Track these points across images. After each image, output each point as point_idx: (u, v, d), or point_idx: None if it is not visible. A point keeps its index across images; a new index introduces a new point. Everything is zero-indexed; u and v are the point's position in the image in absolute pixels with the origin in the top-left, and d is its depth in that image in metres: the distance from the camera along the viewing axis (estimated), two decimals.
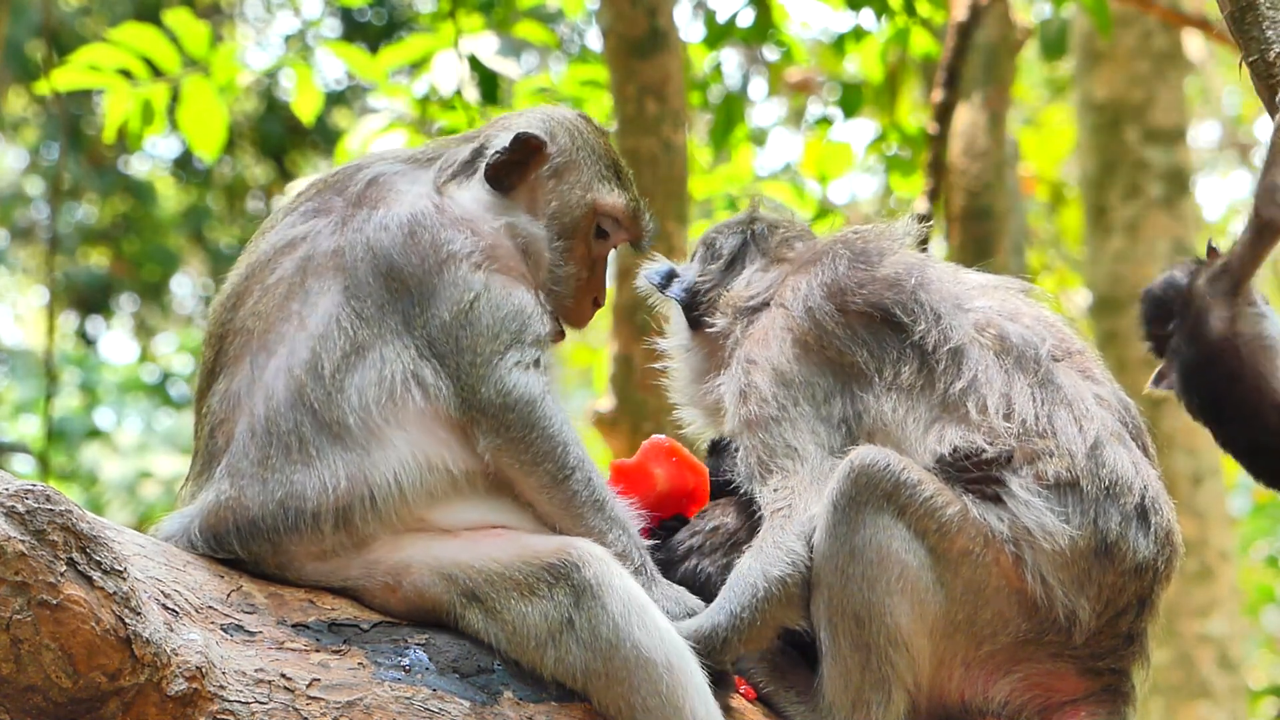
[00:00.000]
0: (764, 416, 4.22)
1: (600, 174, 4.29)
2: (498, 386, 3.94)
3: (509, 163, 4.19)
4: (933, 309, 4.23)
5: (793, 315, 4.29)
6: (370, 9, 17.37)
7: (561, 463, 3.97)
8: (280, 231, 4.11)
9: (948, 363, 4.18)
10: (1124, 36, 11.18)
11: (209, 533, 3.89)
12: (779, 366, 4.25)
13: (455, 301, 3.97)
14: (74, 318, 19.40)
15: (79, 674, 3.45)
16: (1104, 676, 4.15)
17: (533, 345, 4.00)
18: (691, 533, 4.32)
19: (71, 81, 8.57)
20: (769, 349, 4.29)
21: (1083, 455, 4.09)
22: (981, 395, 4.14)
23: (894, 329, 4.23)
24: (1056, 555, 4.04)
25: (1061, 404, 4.15)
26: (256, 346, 3.99)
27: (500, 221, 4.13)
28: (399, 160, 4.24)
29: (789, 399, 4.22)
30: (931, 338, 4.20)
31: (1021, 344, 4.21)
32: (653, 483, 4.41)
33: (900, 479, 4.05)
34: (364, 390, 3.91)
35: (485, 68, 8.45)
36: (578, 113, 4.39)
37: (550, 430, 3.96)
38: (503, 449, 3.95)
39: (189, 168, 18.82)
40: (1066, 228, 18.22)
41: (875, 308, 4.25)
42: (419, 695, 3.77)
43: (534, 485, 3.98)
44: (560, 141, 4.26)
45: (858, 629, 4.03)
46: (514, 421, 3.94)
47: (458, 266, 4.00)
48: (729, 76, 14.84)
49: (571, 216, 4.24)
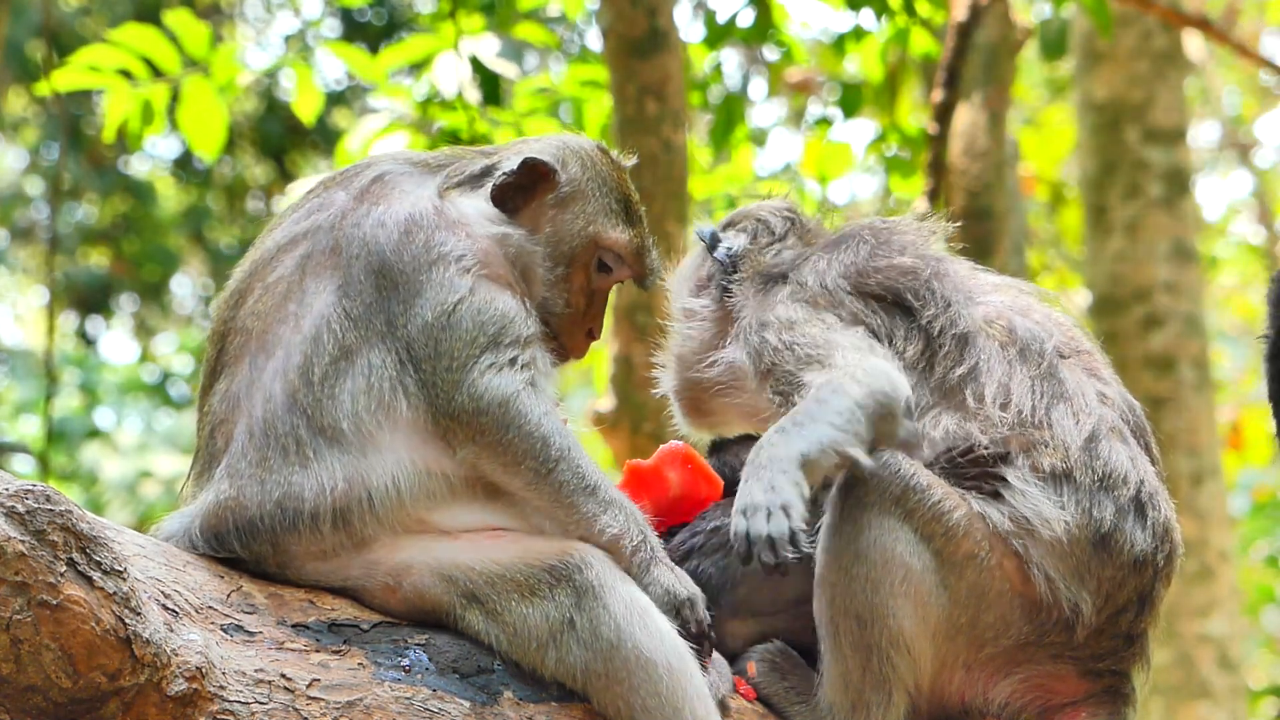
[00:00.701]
0: (783, 353, 4.23)
1: (608, 208, 4.27)
2: (470, 392, 3.91)
3: (515, 185, 4.18)
4: (944, 297, 4.29)
5: (807, 288, 4.34)
6: (370, 9, 17.38)
7: (543, 457, 3.93)
8: (285, 228, 4.12)
9: (950, 347, 4.21)
10: (1124, 36, 11.18)
11: (209, 533, 3.90)
12: (792, 318, 4.28)
13: (439, 302, 3.95)
14: (74, 318, 19.42)
15: (79, 674, 3.45)
16: (1104, 678, 4.16)
17: (510, 345, 3.96)
18: (692, 533, 4.32)
19: (71, 82, 8.57)
20: (778, 310, 4.32)
21: (1077, 447, 4.10)
22: (980, 384, 4.16)
23: (904, 312, 4.28)
24: (1055, 545, 4.05)
25: (1061, 397, 4.17)
26: (255, 347, 3.99)
27: (496, 230, 4.12)
28: (408, 162, 4.24)
29: (803, 331, 4.24)
30: (938, 323, 4.24)
31: (1028, 337, 4.24)
32: (666, 487, 4.41)
33: (909, 483, 4.05)
34: (355, 396, 3.90)
35: (486, 69, 8.44)
36: (597, 144, 4.37)
37: (527, 427, 3.92)
38: (482, 455, 3.93)
39: (189, 168, 18.84)
40: (1066, 228, 18.24)
41: (888, 290, 4.31)
42: (419, 695, 3.78)
43: (520, 485, 3.96)
44: (571, 171, 4.25)
45: (860, 630, 4.03)
46: (488, 425, 3.91)
47: (446, 268, 3.99)
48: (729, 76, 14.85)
49: (570, 246, 4.23)
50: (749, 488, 3.94)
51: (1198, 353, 11.08)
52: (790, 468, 3.95)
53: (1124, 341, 10.64)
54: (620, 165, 4.38)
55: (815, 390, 4.10)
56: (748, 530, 3.87)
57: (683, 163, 7.70)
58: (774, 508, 3.89)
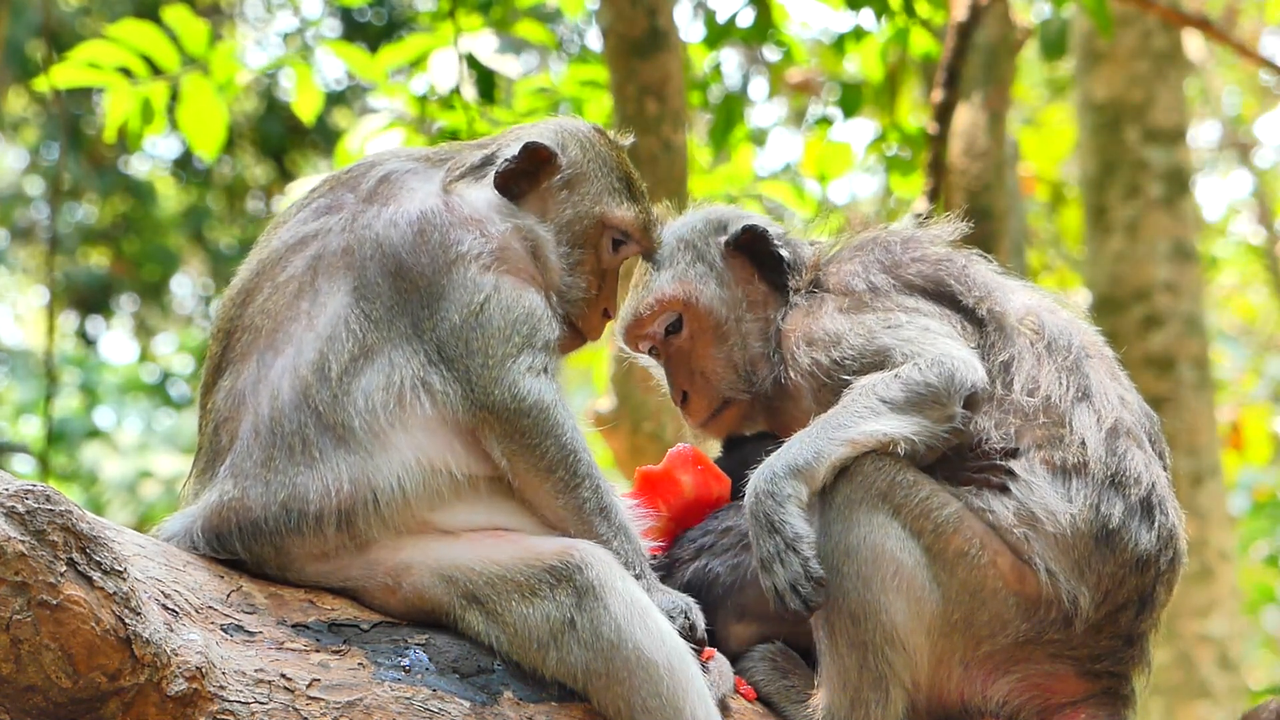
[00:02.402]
0: (841, 357, 4.25)
1: (611, 187, 4.31)
2: (512, 390, 3.95)
3: (518, 171, 4.21)
4: (982, 283, 4.35)
5: (850, 292, 4.35)
6: (370, 9, 17.37)
7: (573, 470, 3.98)
8: (292, 228, 4.12)
9: (995, 337, 4.26)
10: (1124, 36, 11.18)
11: (211, 533, 3.90)
12: (837, 330, 4.29)
13: (465, 304, 3.97)
14: (74, 318, 19.42)
15: (79, 674, 3.45)
16: (1103, 679, 4.16)
17: (543, 350, 4.01)
18: (703, 532, 4.34)
19: (71, 79, 8.56)
20: (823, 322, 4.32)
21: (1096, 442, 4.14)
22: (1011, 373, 4.21)
23: (950, 301, 4.32)
24: (1058, 538, 4.06)
25: (1086, 393, 4.22)
26: (264, 345, 3.99)
27: (509, 223, 4.14)
28: (412, 158, 4.25)
29: (851, 342, 4.26)
30: (982, 309, 4.30)
31: (1056, 332, 4.30)
32: (680, 490, 4.42)
33: (895, 478, 4.07)
34: (371, 394, 3.91)
35: (483, 67, 8.44)
36: (593, 125, 4.41)
37: (563, 439, 3.97)
38: (517, 454, 3.96)
39: (189, 168, 18.84)
40: (1066, 228, 18.24)
41: (929, 280, 4.35)
42: (419, 695, 3.78)
43: (545, 491, 3.99)
44: (571, 153, 4.29)
45: (854, 627, 4.04)
46: (528, 428, 3.95)
47: (467, 267, 4.01)
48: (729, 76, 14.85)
49: (581, 227, 4.27)
50: (755, 532, 4.02)
51: (1198, 353, 11.08)
52: (780, 487, 4.01)
53: (1124, 341, 10.62)
54: (618, 144, 4.42)
55: (845, 395, 4.15)
56: (775, 585, 3.98)
57: (683, 163, 7.70)
58: (782, 550, 3.97)
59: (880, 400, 4.09)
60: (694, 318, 4.52)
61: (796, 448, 4.07)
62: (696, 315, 4.52)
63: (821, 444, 4.06)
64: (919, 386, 4.09)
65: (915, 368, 4.11)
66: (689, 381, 4.54)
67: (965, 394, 4.10)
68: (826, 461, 4.04)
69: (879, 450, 4.07)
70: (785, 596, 3.96)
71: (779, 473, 4.03)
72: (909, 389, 4.08)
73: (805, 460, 4.04)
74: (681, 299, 4.52)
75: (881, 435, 4.06)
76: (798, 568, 3.95)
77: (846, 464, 4.06)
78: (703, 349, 4.52)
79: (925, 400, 4.08)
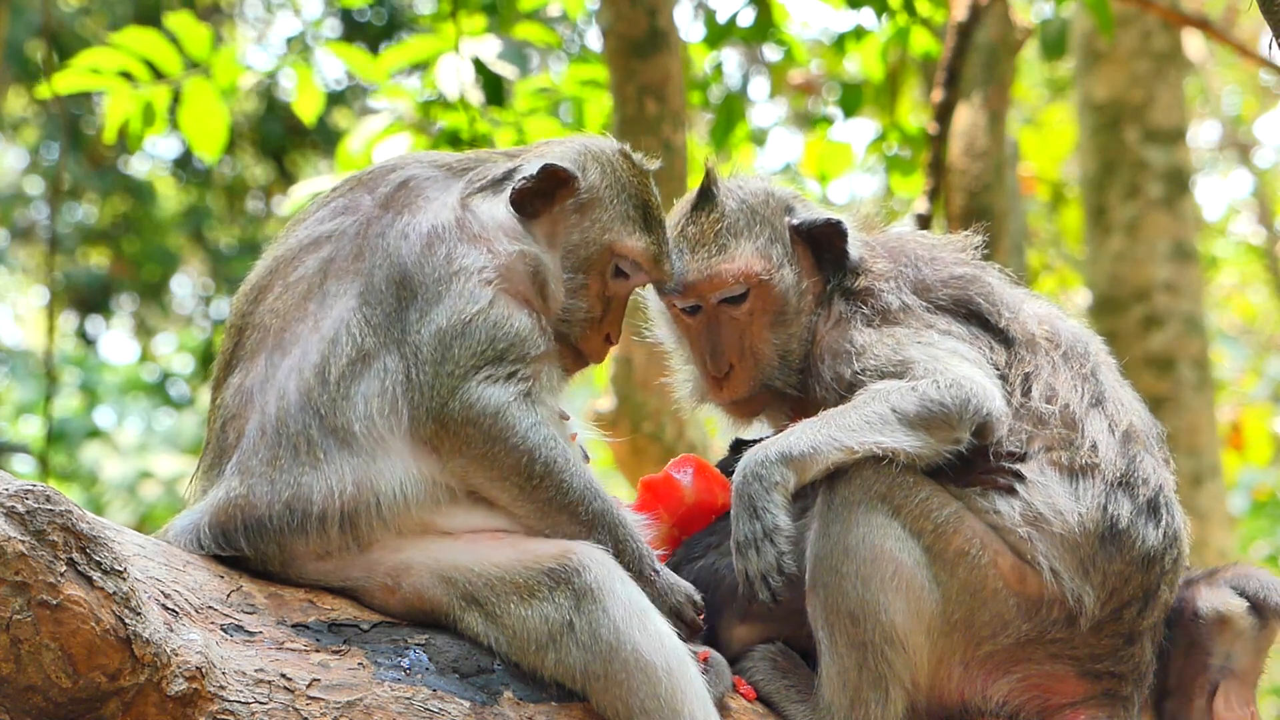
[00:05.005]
0: (863, 368, 4.26)
1: (625, 215, 4.27)
2: (463, 399, 3.92)
3: (534, 190, 4.19)
4: (1006, 303, 4.36)
5: (882, 309, 4.34)
6: (370, 9, 17.36)
7: (528, 473, 3.94)
8: (309, 226, 4.13)
9: (1023, 352, 4.28)
10: (1124, 36, 11.18)
11: (217, 530, 3.91)
12: (864, 342, 4.29)
13: (457, 311, 3.96)
14: (74, 318, 19.42)
15: (79, 674, 3.45)
16: (1103, 680, 4.17)
17: (514, 361, 3.97)
18: (711, 531, 4.35)
19: (72, 84, 8.57)
20: (851, 334, 4.32)
21: (1108, 445, 4.18)
22: (1030, 383, 4.23)
23: (979, 322, 4.33)
24: (1064, 538, 4.08)
25: (1099, 397, 4.25)
26: (273, 344, 4.01)
27: (516, 246, 4.12)
28: (434, 165, 4.25)
29: (875, 353, 4.27)
30: (1013, 329, 4.32)
31: (1071, 339, 4.34)
32: (680, 495, 4.42)
33: (895, 479, 4.08)
34: (369, 399, 3.91)
35: (490, 72, 8.44)
36: (619, 148, 4.36)
37: (514, 440, 3.93)
38: (469, 468, 3.95)
39: (189, 168, 18.83)
40: (1066, 228, 18.24)
41: (959, 303, 4.36)
42: (419, 695, 3.78)
43: (506, 500, 3.98)
44: (590, 177, 4.25)
45: (853, 627, 4.04)
46: (475, 437, 3.92)
47: (467, 279, 4.00)
48: (729, 76, 14.85)
49: (587, 253, 4.24)
50: (737, 512, 4.04)
51: (1198, 353, 11.08)
52: (770, 472, 4.03)
53: (1124, 341, 10.62)
54: (642, 169, 4.36)
55: (859, 394, 4.16)
56: (746, 570, 4.02)
57: (683, 163, 7.69)
58: (759, 538, 4.00)
59: (892, 409, 4.09)
60: (764, 297, 4.43)
61: (795, 436, 4.07)
62: (768, 296, 4.43)
63: (821, 441, 4.06)
64: (932, 404, 4.09)
65: (934, 384, 4.10)
66: (738, 355, 4.46)
67: (978, 422, 4.10)
68: (822, 460, 4.05)
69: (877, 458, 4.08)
70: (755, 584, 4.00)
71: (771, 457, 4.04)
72: (923, 404, 4.08)
73: (801, 451, 4.05)
74: (762, 277, 4.42)
75: (883, 448, 4.05)
76: (771, 559, 3.98)
77: (842, 467, 4.06)
78: (759, 329, 4.44)
79: (936, 419, 4.08)
